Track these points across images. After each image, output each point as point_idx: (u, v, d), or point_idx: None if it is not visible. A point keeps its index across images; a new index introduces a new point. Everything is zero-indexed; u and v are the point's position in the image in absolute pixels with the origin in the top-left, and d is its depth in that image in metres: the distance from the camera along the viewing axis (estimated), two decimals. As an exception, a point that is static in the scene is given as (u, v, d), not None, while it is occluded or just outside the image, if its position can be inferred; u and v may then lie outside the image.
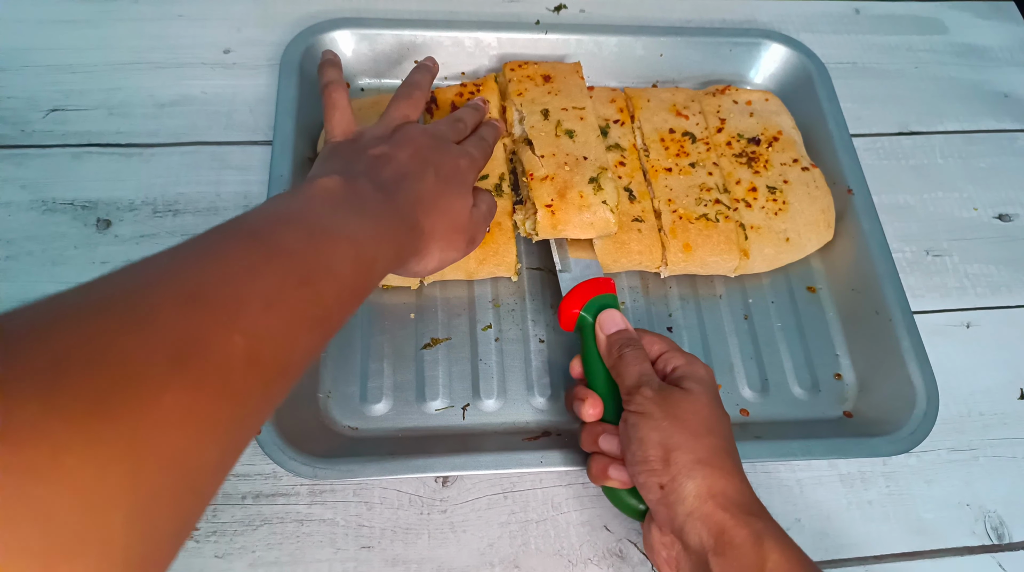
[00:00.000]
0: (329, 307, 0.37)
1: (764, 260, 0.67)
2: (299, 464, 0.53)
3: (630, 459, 0.49)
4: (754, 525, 0.44)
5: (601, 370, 0.55)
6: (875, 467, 0.62)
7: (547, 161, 0.63)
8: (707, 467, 0.46)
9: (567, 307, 0.58)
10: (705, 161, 0.70)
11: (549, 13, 0.83)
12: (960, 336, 0.69)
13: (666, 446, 0.47)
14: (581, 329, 0.58)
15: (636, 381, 0.51)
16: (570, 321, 0.59)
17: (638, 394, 0.50)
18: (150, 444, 0.25)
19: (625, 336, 0.54)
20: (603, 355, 0.55)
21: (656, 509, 0.48)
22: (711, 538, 0.45)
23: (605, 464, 0.52)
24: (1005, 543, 0.60)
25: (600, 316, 0.56)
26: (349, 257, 0.38)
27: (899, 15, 0.90)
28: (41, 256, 0.64)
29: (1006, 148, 0.81)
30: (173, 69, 0.74)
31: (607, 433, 0.52)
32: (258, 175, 0.69)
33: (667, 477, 0.46)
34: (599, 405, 0.53)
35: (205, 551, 0.54)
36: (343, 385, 0.61)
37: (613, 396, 0.54)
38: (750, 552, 0.44)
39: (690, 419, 0.48)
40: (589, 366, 0.56)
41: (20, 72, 0.73)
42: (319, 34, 0.72)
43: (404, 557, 0.55)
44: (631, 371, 0.52)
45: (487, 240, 0.63)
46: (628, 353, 0.53)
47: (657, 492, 0.47)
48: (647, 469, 0.47)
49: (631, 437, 0.49)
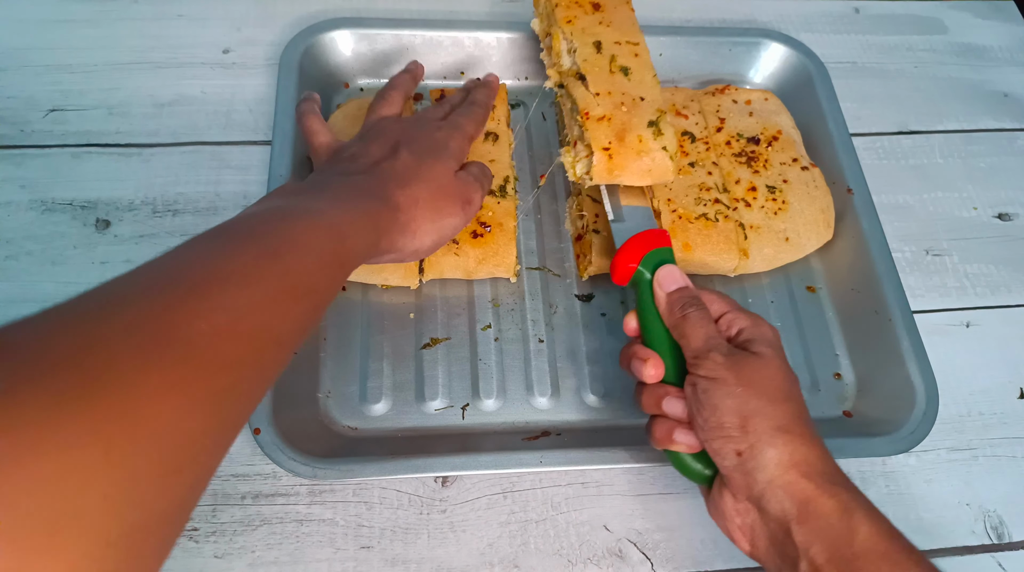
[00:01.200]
0: (310, 277, 0.38)
1: (763, 260, 0.67)
2: (299, 464, 0.53)
3: (702, 424, 0.47)
4: (841, 496, 0.43)
5: (660, 328, 0.53)
6: (875, 467, 0.62)
7: (603, 100, 0.58)
8: (787, 434, 0.45)
9: (623, 261, 0.55)
10: (704, 161, 0.70)
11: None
12: (960, 336, 0.69)
13: (743, 413, 0.46)
14: (637, 284, 0.55)
15: (704, 345, 0.49)
16: (625, 275, 0.56)
17: (708, 359, 0.48)
18: (124, 422, 0.26)
19: (687, 295, 0.52)
20: (663, 313, 0.53)
21: (732, 476, 0.46)
22: (794, 507, 0.43)
23: (669, 428, 0.50)
24: (1005, 543, 0.60)
25: (659, 273, 0.54)
26: (320, 230, 0.40)
27: (899, 15, 0.90)
28: (41, 256, 0.64)
29: (1006, 148, 0.81)
30: (173, 69, 0.75)
31: (671, 396, 0.50)
32: (258, 175, 0.69)
33: (745, 444, 0.45)
34: (661, 366, 0.51)
35: (205, 551, 0.54)
36: (343, 385, 0.61)
37: (674, 356, 0.52)
38: (837, 523, 0.42)
39: (766, 385, 0.47)
40: (646, 324, 0.54)
41: (20, 72, 0.73)
42: (319, 34, 0.72)
43: (404, 557, 0.55)
44: (697, 333, 0.50)
45: (487, 240, 0.63)
46: (692, 314, 0.51)
47: (734, 459, 0.45)
48: (722, 436, 0.46)
49: (703, 403, 0.47)
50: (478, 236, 0.64)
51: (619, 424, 0.61)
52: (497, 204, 0.66)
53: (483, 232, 0.64)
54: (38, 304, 0.67)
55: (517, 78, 0.78)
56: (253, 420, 0.54)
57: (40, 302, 0.63)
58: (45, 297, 0.61)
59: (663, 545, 0.57)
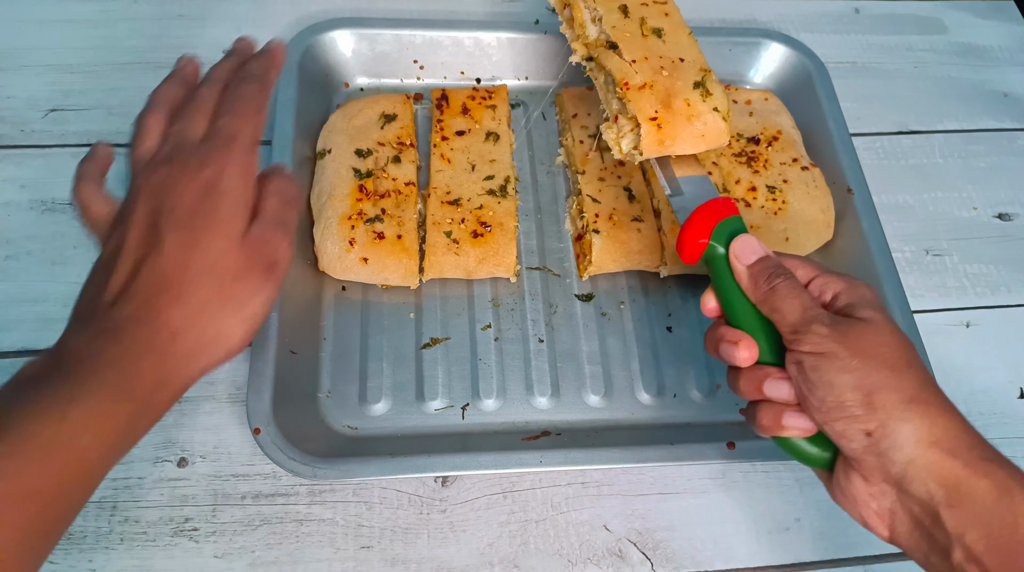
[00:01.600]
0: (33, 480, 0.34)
1: (764, 260, 0.67)
2: (298, 464, 0.53)
3: (817, 405, 0.42)
4: (995, 474, 0.39)
5: (745, 305, 0.48)
6: (875, 467, 0.62)
7: (640, 66, 0.54)
8: (921, 405, 0.41)
9: (691, 237, 0.50)
10: (704, 161, 0.70)
11: (549, 13, 0.82)
12: (960, 336, 0.69)
13: (864, 388, 0.41)
14: (709, 261, 0.51)
15: (801, 317, 0.44)
16: (695, 253, 0.51)
17: (809, 332, 0.43)
18: None
19: (771, 265, 0.47)
20: (747, 288, 0.48)
21: (862, 458, 0.42)
22: (941, 489, 0.39)
23: (776, 413, 0.45)
24: (1005, 543, 0.60)
25: (734, 244, 0.49)
26: (34, 460, 0.34)
27: (899, 15, 0.90)
28: (41, 256, 0.64)
29: (1006, 148, 0.81)
30: (173, 69, 0.74)
31: (773, 378, 0.45)
32: (258, 175, 0.69)
33: (874, 423, 0.41)
34: (754, 347, 0.47)
35: (205, 551, 0.54)
36: (342, 385, 0.61)
37: (766, 334, 0.47)
38: (995, 506, 0.38)
39: (883, 352, 0.42)
40: (729, 302, 0.49)
41: (20, 72, 0.73)
42: (319, 34, 0.72)
43: (404, 557, 0.55)
44: (791, 305, 0.45)
45: (487, 240, 0.63)
46: (781, 285, 0.46)
47: (863, 440, 0.41)
48: (846, 416, 0.41)
49: (814, 382, 0.42)
50: (478, 236, 0.64)
51: (619, 424, 0.61)
52: (498, 204, 0.66)
53: (483, 232, 0.64)
54: (38, 304, 0.67)
55: (517, 78, 0.78)
56: (253, 420, 0.54)
57: (40, 302, 0.62)
58: (45, 297, 0.62)
59: (663, 545, 0.57)
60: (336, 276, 0.64)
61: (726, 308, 0.49)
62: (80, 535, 0.54)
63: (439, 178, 0.67)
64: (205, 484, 0.56)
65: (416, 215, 0.65)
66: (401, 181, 0.66)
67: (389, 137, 0.68)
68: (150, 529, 0.54)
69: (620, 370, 0.63)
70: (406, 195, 0.65)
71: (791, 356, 0.44)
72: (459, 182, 0.67)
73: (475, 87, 0.74)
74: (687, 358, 0.65)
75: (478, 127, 0.71)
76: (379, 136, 0.68)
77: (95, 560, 0.53)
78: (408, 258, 0.62)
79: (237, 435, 0.58)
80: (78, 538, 0.54)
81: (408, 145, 0.69)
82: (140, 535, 0.54)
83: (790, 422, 0.45)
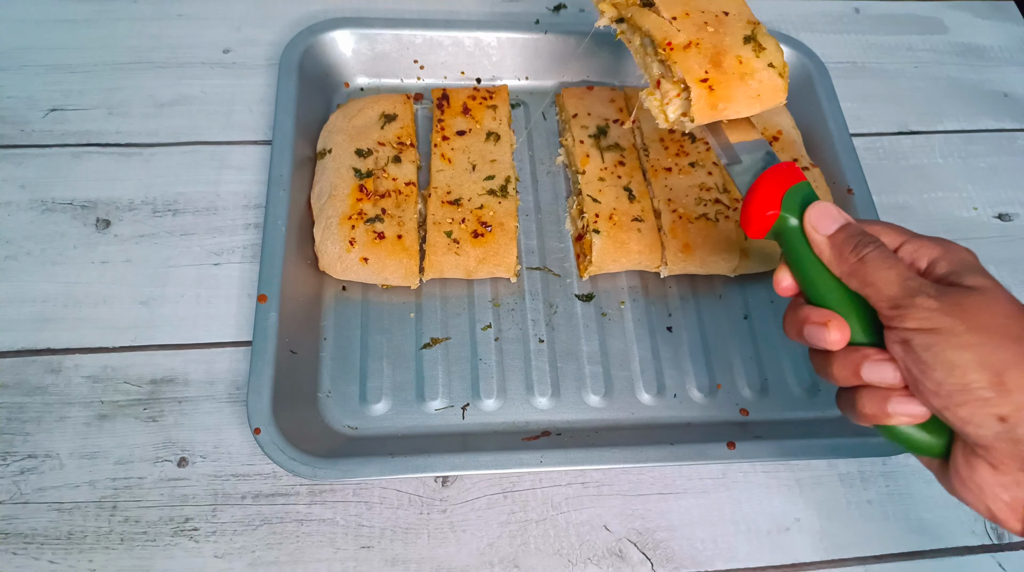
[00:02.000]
0: None
1: (764, 260, 0.67)
2: (299, 464, 0.53)
3: (934, 389, 0.38)
4: None
5: (829, 280, 0.43)
6: (875, 467, 0.62)
7: (682, 23, 0.49)
8: None
9: (757, 209, 0.45)
10: (705, 161, 0.70)
11: (549, 13, 0.83)
12: (960, 336, 0.69)
13: (992, 367, 0.37)
14: (780, 234, 0.46)
15: (901, 289, 0.40)
16: (763, 226, 0.46)
17: (914, 306, 0.39)
18: None
19: (855, 232, 0.42)
20: (830, 262, 0.43)
21: (993, 445, 0.38)
22: None
23: (880, 399, 0.41)
24: (1005, 543, 0.60)
25: (810, 213, 0.44)
26: None
27: (899, 15, 0.90)
28: (41, 256, 0.64)
29: (1006, 148, 0.81)
30: (173, 69, 0.75)
31: (872, 360, 0.41)
32: (257, 174, 0.69)
33: (1008, 406, 0.36)
34: (845, 327, 0.42)
35: (205, 551, 0.54)
36: (343, 385, 0.61)
37: (857, 310, 0.42)
38: None
39: (1005, 325, 0.38)
40: (809, 277, 0.44)
41: (20, 72, 0.73)
42: (319, 34, 0.72)
43: (404, 557, 0.55)
44: (886, 277, 0.40)
45: (488, 240, 0.63)
46: (872, 255, 0.41)
47: (994, 426, 0.37)
48: (972, 399, 0.37)
49: (928, 362, 0.38)
50: (479, 236, 0.64)
51: (619, 424, 0.61)
52: (498, 204, 0.66)
53: (484, 232, 0.64)
54: (38, 304, 0.68)
55: (517, 78, 0.78)
56: (253, 420, 0.54)
57: (40, 302, 0.63)
58: (45, 297, 0.62)
59: (663, 545, 0.57)
60: (336, 276, 0.64)
61: (806, 285, 0.44)
62: (80, 535, 0.54)
63: (440, 178, 0.67)
64: (205, 484, 0.56)
65: (416, 215, 0.65)
66: (401, 181, 0.66)
67: (389, 137, 0.68)
68: (150, 529, 0.54)
69: (620, 370, 0.63)
70: (406, 195, 0.65)
71: (894, 334, 0.40)
72: (460, 182, 0.67)
73: (476, 87, 0.74)
74: (687, 358, 0.65)
75: (479, 127, 0.71)
76: (379, 136, 0.68)
77: (95, 560, 0.53)
78: (408, 258, 0.62)
79: (237, 435, 0.58)
80: (78, 538, 0.54)
81: (408, 145, 0.69)
82: (140, 535, 0.54)
83: (898, 408, 0.40)
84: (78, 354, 0.60)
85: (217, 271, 0.65)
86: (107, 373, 0.59)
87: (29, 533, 0.53)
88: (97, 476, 0.56)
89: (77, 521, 0.54)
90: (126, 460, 0.56)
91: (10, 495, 0.55)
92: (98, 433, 0.57)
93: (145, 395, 0.59)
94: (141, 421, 0.58)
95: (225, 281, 0.64)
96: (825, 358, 0.43)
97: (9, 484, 0.55)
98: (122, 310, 0.62)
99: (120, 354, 0.60)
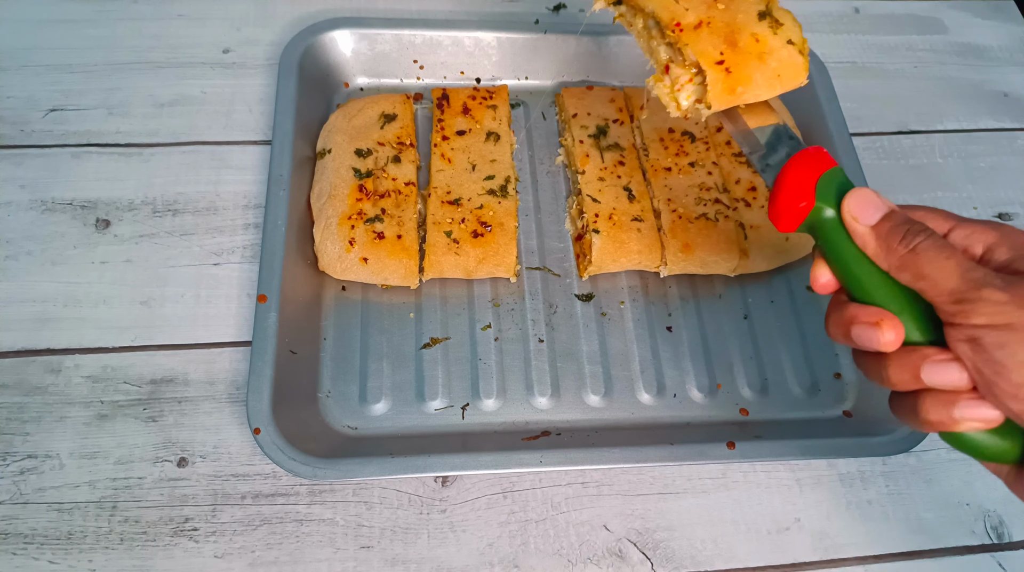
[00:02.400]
0: None
1: (764, 260, 0.67)
2: (299, 464, 0.53)
3: (1013, 392, 0.35)
4: None
5: (875, 274, 0.40)
6: (874, 466, 0.62)
7: (688, 2, 0.46)
8: None
9: (790, 200, 0.42)
10: (704, 160, 0.70)
11: (549, 13, 0.83)
12: (960, 336, 0.69)
13: None
14: (815, 226, 0.42)
15: (963, 281, 0.36)
16: (794, 218, 0.42)
17: (980, 301, 0.35)
18: None
19: (901, 221, 0.39)
20: (876, 254, 0.39)
21: None
22: None
23: (946, 403, 0.37)
24: (1005, 542, 0.60)
25: (848, 202, 0.40)
26: None
27: (899, 15, 0.90)
28: (41, 256, 0.64)
29: (1005, 147, 0.81)
30: (173, 69, 0.75)
31: (933, 361, 0.37)
32: (257, 174, 0.69)
33: None
34: (899, 325, 0.38)
35: (205, 551, 0.54)
36: (342, 385, 0.61)
37: (910, 306, 0.39)
38: None
39: None
40: (852, 273, 0.40)
41: (20, 72, 0.73)
42: (318, 34, 0.72)
43: (404, 557, 0.55)
44: (943, 269, 0.37)
45: (488, 240, 0.63)
46: (924, 245, 0.37)
47: None
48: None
49: (1003, 362, 0.35)
50: (478, 236, 0.64)
51: (619, 424, 0.61)
52: (498, 204, 0.66)
53: (483, 232, 0.64)
54: (38, 304, 0.68)
55: (517, 78, 0.78)
56: (253, 420, 0.54)
57: (40, 302, 0.63)
58: (45, 297, 0.62)
59: (663, 545, 0.57)
60: (336, 276, 0.64)
61: (848, 281, 0.41)
62: (80, 535, 0.54)
63: (440, 178, 0.67)
64: (205, 484, 0.56)
65: (416, 215, 0.65)
66: (401, 181, 0.66)
67: (389, 137, 0.68)
68: (150, 529, 0.54)
69: (620, 370, 0.63)
70: (406, 195, 0.65)
71: (958, 332, 0.36)
72: (459, 182, 0.67)
73: (476, 87, 0.74)
74: (687, 358, 0.65)
75: (479, 127, 0.71)
76: (379, 136, 0.68)
77: (95, 560, 0.53)
78: (408, 258, 0.63)
79: (237, 435, 0.58)
80: (78, 538, 0.54)
81: (408, 145, 0.69)
82: (140, 535, 0.54)
83: (967, 413, 0.37)
84: (78, 354, 0.60)
85: (217, 271, 0.65)
86: (107, 373, 0.59)
87: (29, 533, 0.53)
88: (97, 476, 0.56)
89: (77, 521, 0.54)
90: (126, 460, 0.56)
91: (10, 495, 0.55)
92: (98, 433, 0.57)
93: (145, 395, 0.59)
94: (141, 421, 0.58)
95: (225, 281, 0.64)
96: (877, 361, 0.40)
97: (9, 484, 0.55)
98: (122, 310, 0.62)
99: (120, 354, 0.60)
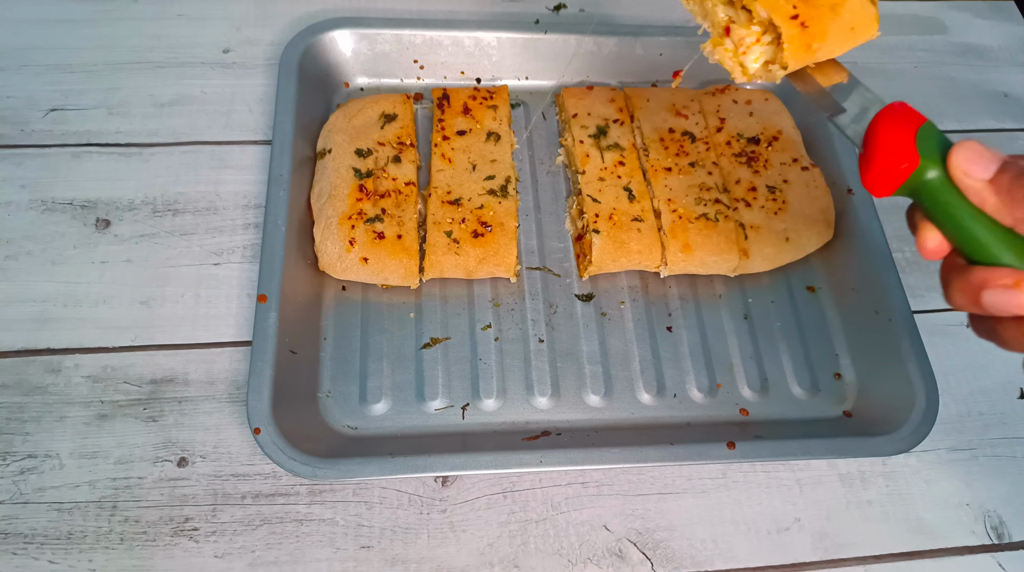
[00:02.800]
0: None
1: (764, 260, 0.67)
2: (299, 464, 0.53)
3: None
4: None
5: (999, 232, 0.37)
6: (875, 467, 0.62)
7: None
8: None
9: (889, 163, 0.39)
10: (705, 161, 0.70)
11: (549, 13, 0.83)
12: (960, 336, 0.69)
13: None
14: (917, 188, 0.39)
15: None
16: (895, 181, 0.39)
17: None
18: None
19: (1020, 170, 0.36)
20: (997, 210, 0.37)
21: None
22: None
23: None
24: (1005, 543, 0.60)
25: (956, 158, 0.37)
26: None
27: (899, 15, 0.90)
28: (41, 256, 0.64)
29: (1006, 148, 0.80)
30: (173, 69, 0.75)
31: None
32: (257, 174, 0.69)
33: None
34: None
35: (205, 551, 0.54)
36: (342, 385, 0.61)
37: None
38: None
39: None
40: (970, 233, 0.38)
41: (20, 72, 0.73)
42: (318, 34, 0.72)
43: (404, 557, 0.55)
44: None
45: (488, 240, 0.63)
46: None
47: None
48: None
49: None
50: (479, 235, 0.64)
51: (619, 424, 0.61)
52: (498, 204, 0.66)
53: (484, 232, 0.64)
54: (38, 304, 0.68)
55: (517, 78, 0.78)
56: (253, 420, 0.54)
57: (40, 302, 0.63)
58: (45, 297, 0.62)
59: (663, 545, 0.57)
60: (336, 276, 0.64)
61: (967, 242, 0.38)
62: (80, 535, 0.54)
63: (440, 178, 0.67)
64: (205, 484, 0.56)
65: (416, 215, 0.65)
66: (401, 181, 0.66)
67: (389, 137, 0.68)
68: (150, 529, 0.54)
69: (620, 370, 0.63)
70: (406, 195, 0.65)
71: None
72: (460, 182, 0.67)
73: (476, 87, 0.74)
74: (687, 358, 0.65)
75: (479, 127, 0.71)
76: (379, 136, 0.68)
77: (95, 560, 0.53)
78: (408, 258, 0.62)
79: (237, 435, 0.58)
80: (78, 538, 0.54)
81: (408, 145, 0.69)
82: (140, 535, 0.54)
83: None
84: (78, 354, 0.60)
85: (217, 271, 0.65)
86: (107, 373, 0.59)
87: (29, 533, 0.53)
88: (97, 476, 0.56)
89: (77, 521, 0.54)
90: (126, 460, 0.56)
91: (10, 495, 0.55)
92: (98, 433, 0.57)
93: (145, 395, 0.59)
94: (141, 421, 0.58)
95: (225, 281, 0.64)
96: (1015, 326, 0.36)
97: (9, 484, 0.55)
98: (122, 310, 0.62)
99: (120, 354, 0.60)
